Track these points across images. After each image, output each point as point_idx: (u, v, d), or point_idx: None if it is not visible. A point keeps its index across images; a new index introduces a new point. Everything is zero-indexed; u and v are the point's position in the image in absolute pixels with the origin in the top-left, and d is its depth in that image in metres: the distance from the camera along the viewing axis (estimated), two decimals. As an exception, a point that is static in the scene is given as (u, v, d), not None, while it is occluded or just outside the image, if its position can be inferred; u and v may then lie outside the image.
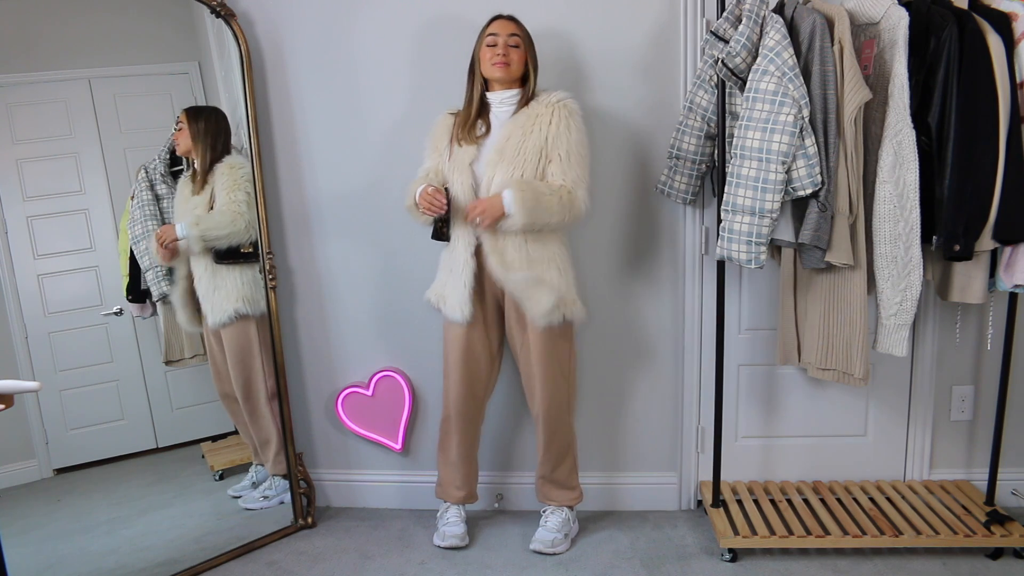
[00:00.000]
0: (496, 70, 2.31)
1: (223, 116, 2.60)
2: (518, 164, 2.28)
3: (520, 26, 2.35)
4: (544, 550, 2.50)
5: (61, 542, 2.45)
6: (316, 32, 2.63)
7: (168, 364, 2.70)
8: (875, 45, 2.18)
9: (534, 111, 2.32)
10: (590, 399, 2.78)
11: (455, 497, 2.60)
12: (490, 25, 2.35)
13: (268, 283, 2.66)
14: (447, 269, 2.43)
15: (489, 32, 2.33)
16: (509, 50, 2.30)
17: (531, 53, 2.36)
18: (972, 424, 2.73)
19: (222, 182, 2.57)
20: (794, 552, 2.47)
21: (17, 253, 2.42)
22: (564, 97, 2.33)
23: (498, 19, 2.35)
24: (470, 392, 2.49)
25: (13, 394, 1.43)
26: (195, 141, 2.55)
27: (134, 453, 2.68)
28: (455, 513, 2.61)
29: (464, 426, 2.53)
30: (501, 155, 2.30)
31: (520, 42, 2.33)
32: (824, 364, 2.34)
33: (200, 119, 2.56)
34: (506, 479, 2.80)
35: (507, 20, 2.34)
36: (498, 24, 2.34)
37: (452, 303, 2.39)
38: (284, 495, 2.78)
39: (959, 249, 2.15)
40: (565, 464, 2.56)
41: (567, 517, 2.59)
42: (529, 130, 2.29)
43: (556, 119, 2.29)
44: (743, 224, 2.15)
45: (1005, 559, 2.38)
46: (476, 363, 2.46)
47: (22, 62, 2.40)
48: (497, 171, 2.29)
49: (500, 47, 2.30)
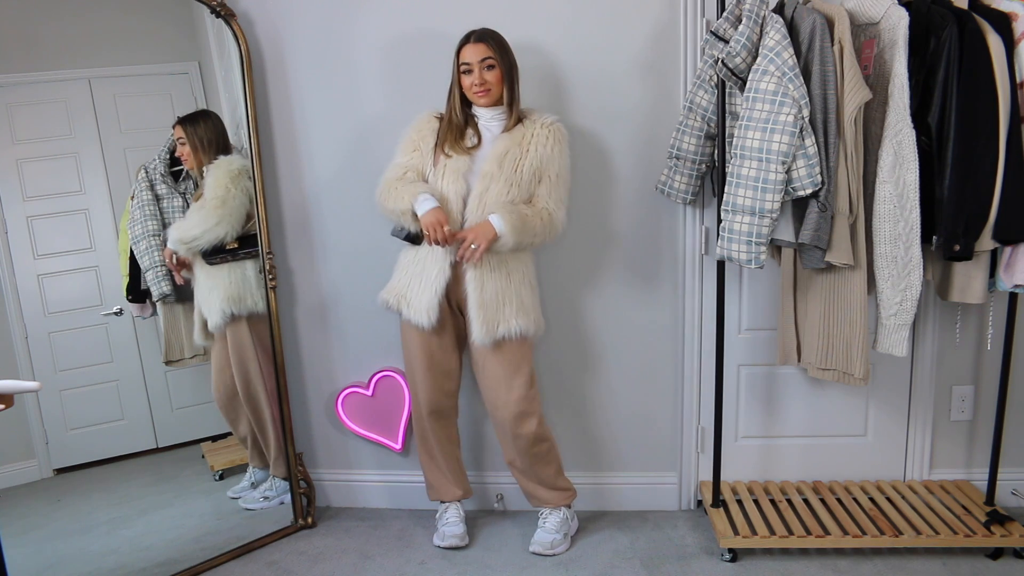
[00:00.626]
0: (478, 99, 2.31)
1: (217, 117, 2.59)
2: (515, 181, 2.30)
3: (492, 44, 2.29)
4: (543, 552, 2.50)
5: (61, 542, 2.45)
6: (316, 32, 2.63)
7: (168, 364, 2.70)
8: (875, 45, 2.18)
9: (529, 130, 2.33)
10: (590, 399, 2.78)
11: (451, 495, 2.60)
12: (462, 52, 2.30)
13: (268, 283, 2.66)
14: (412, 272, 2.39)
15: (462, 62, 2.30)
16: (485, 76, 2.29)
17: (507, 67, 2.30)
18: (972, 424, 2.73)
19: (209, 181, 2.56)
20: (794, 552, 2.47)
21: (17, 253, 2.42)
22: (556, 120, 2.36)
23: (467, 45, 2.30)
24: (439, 389, 2.49)
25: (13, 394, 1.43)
26: (199, 151, 2.54)
27: (134, 453, 2.68)
28: (454, 512, 2.61)
29: (441, 423, 2.54)
30: (500, 168, 2.29)
31: (495, 62, 2.29)
32: (824, 364, 2.34)
33: (199, 127, 2.54)
34: (506, 479, 2.79)
35: (477, 44, 2.28)
36: (469, 51, 2.29)
37: (417, 307, 2.36)
38: (284, 495, 2.78)
39: (959, 249, 2.15)
40: (548, 468, 2.54)
41: (565, 516, 2.58)
42: (526, 148, 2.31)
43: (551, 141, 2.32)
44: (743, 224, 2.15)
45: (1005, 559, 2.38)
46: (441, 362, 2.46)
47: (22, 62, 2.40)
48: (492, 183, 2.29)
49: (476, 76, 2.28)
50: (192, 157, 2.54)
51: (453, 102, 2.36)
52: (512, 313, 2.35)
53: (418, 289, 2.37)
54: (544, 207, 2.33)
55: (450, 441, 2.59)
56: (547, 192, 2.34)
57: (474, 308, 2.33)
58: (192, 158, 2.54)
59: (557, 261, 2.69)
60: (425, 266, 2.36)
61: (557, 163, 2.34)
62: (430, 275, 2.35)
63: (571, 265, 2.69)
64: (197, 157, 2.54)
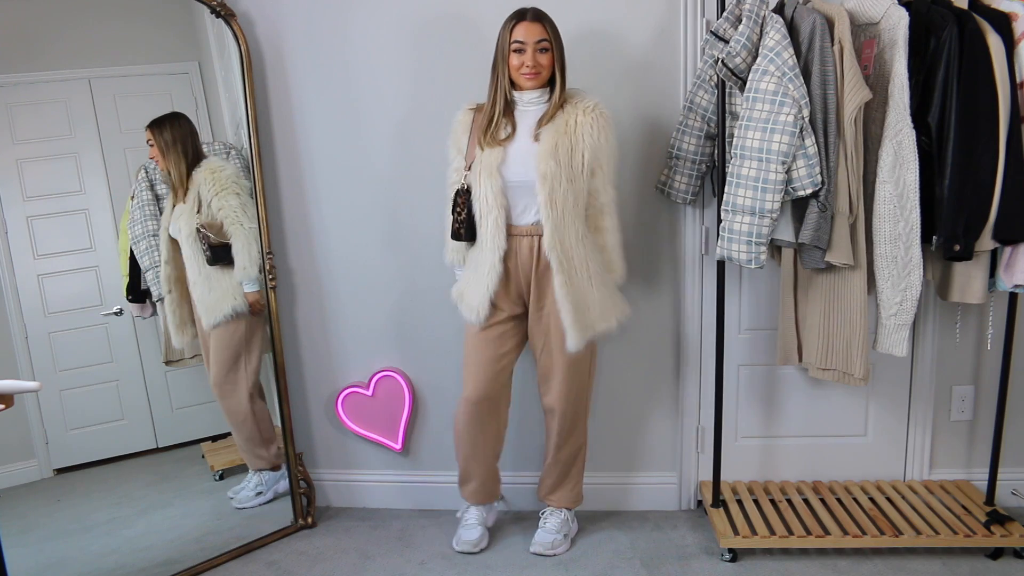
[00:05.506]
0: (527, 80, 2.21)
1: (186, 119, 2.56)
2: (573, 177, 2.20)
3: (548, 27, 2.20)
4: (544, 552, 2.50)
5: (61, 542, 2.45)
6: (316, 32, 2.63)
7: (168, 364, 2.70)
8: (875, 45, 2.18)
9: (572, 115, 2.22)
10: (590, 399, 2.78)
11: (471, 495, 2.58)
12: (515, 29, 2.19)
13: (268, 283, 2.66)
14: (472, 268, 2.36)
15: (515, 39, 2.19)
16: (539, 58, 2.19)
17: (560, 53, 2.22)
18: (972, 424, 2.73)
19: (207, 187, 2.55)
20: (794, 552, 2.47)
21: (17, 253, 2.42)
22: (598, 103, 2.25)
23: (523, 22, 2.19)
24: (492, 389, 2.41)
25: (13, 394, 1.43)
26: (166, 153, 2.52)
27: (134, 453, 2.68)
28: (474, 515, 2.59)
29: (486, 423, 2.46)
30: (558, 163, 2.18)
31: (550, 45, 2.20)
32: (824, 364, 2.34)
33: (165, 129, 2.52)
34: (507, 479, 2.79)
35: (533, 23, 2.19)
36: (524, 29, 2.18)
37: (469, 303, 2.34)
38: (277, 486, 2.77)
39: (959, 249, 2.15)
40: (575, 467, 2.56)
41: (566, 517, 2.58)
42: (578, 138, 2.21)
43: (597, 128, 2.22)
44: (743, 224, 2.15)
45: (1005, 559, 2.38)
46: (496, 356, 2.39)
47: (22, 62, 2.39)
48: (556, 185, 2.18)
49: (529, 57, 2.18)
50: (161, 159, 2.54)
51: (500, 81, 2.24)
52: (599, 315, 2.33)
53: (473, 285, 2.34)
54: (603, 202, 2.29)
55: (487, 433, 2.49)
56: (602, 185, 2.28)
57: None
58: (161, 160, 2.54)
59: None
60: (480, 262, 2.31)
61: (606, 151, 2.25)
62: (483, 270, 2.30)
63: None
64: (165, 159, 2.53)
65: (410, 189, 2.67)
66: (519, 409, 2.75)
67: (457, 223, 2.31)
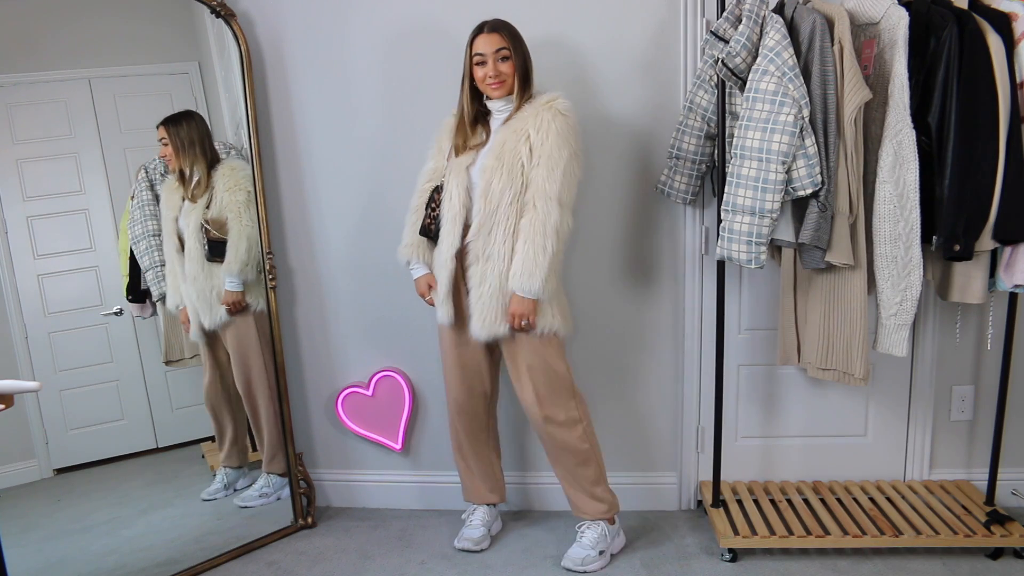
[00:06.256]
0: (493, 90, 2.24)
1: (200, 118, 2.57)
2: (517, 171, 2.21)
3: (506, 35, 2.22)
4: (573, 567, 2.38)
5: (61, 542, 2.45)
6: (316, 32, 2.63)
7: (168, 364, 2.70)
8: (875, 45, 2.18)
9: (528, 113, 2.23)
10: (590, 399, 2.77)
11: (474, 497, 2.60)
12: (475, 42, 2.24)
13: (268, 283, 2.66)
14: (436, 267, 2.38)
15: (476, 52, 2.23)
16: (500, 67, 2.22)
17: (521, 58, 2.23)
18: (972, 424, 2.73)
19: (223, 183, 2.56)
20: (794, 552, 2.47)
21: (17, 253, 2.42)
22: (553, 97, 2.23)
23: (481, 35, 2.23)
24: (468, 389, 2.46)
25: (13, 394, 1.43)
26: (182, 152, 2.53)
27: (134, 453, 2.68)
28: (479, 516, 2.60)
29: (469, 423, 2.51)
30: (500, 160, 2.21)
31: (509, 52, 2.22)
32: (824, 364, 2.34)
33: (181, 128, 2.53)
34: (507, 479, 2.79)
35: (490, 34, 2.22)
36: (483, 41, 2.22)
37: (437, 302, 2.38)
38: (282, 491, 2.78)
39: (959, 249, 2.15)
40: (583, 474, 2.42)
41: (604, 532, 2.43)
42: (524, 134, 2.20)
43: (541, 119, 2.19)
44: (743, 224, 2.15)
45: (1005, 559, 2.38)
46: (470, 361, 2.42)
47: (23, 62, 2.40)
48: (494, 178, 2.21)
49: (490, 67, 2.21)
50: (174, 158, 2.54)
51: (464, 95, 2.30)
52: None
53: (439, 284, 2.37)
54: (537, 192, 2.16)
55: (478, 441, 2.54)
56: (538, 177, 2.17)
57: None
58: (174, 159, 2.54)
59: (557, 261, 2.69)
60: (440, 261, 2.34)
61: (549, 142, 2.16)
62: (443, 270, 2.33)
63: (571, 265, 2.69)
64: (179, 158, 2.54)
65: (410, 189, 2.66)
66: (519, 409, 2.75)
67: (429, 219, 2.35)
